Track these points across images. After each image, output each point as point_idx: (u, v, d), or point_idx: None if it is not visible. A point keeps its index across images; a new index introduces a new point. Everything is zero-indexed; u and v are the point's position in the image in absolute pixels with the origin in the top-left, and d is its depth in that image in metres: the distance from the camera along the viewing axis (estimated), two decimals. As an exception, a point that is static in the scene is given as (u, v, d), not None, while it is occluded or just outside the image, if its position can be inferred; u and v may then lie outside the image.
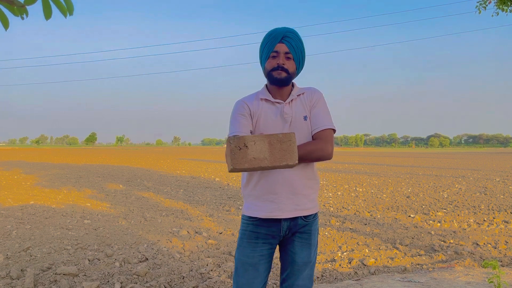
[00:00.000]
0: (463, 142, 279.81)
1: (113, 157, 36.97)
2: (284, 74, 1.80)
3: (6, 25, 1.37)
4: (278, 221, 1.82)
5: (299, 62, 1.86)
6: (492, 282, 2.52)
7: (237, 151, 1.42)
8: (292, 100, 1.85)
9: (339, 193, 10.78)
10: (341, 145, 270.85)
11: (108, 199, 9.31)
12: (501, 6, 5.72)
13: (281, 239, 1.88)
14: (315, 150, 1.75)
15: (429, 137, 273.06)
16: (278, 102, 1.84)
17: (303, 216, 1.85)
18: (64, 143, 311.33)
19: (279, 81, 1.81)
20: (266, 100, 1.86)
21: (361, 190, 11.61)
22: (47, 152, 59.90)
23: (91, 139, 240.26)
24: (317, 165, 2.04)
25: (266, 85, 1.91)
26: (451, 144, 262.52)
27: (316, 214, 1.92)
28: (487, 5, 5.82)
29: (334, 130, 1.84)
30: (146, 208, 8.13)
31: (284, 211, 1.80)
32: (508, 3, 5.65)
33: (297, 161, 1.48)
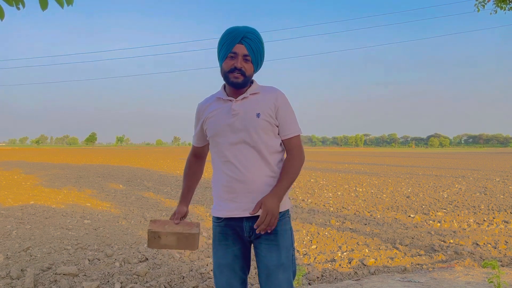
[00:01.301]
0: (463, 142, 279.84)
1: (113, 157, 36.98)
2: (241, 78, 1.77)
3: (1, 16, 1.36)
4: (240, 220, 1.81)
5: (257, 64, 1.84)
6: (492, 282, 2.53)
7: (152, 239, 1.89)
8: (244, 98, 1.82)
9: (339, 193, 10.78)
10: (341, 145, 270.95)
11: (108, 199, 9.31)
12: (499, 4, 5.72)
13: (249, 240, 1.84)
14: (297, 171, 1.84)
15: (429, 137, 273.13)
16: (229, 100, 1.83)
17: None
18: (64, 143, 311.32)
19: (236, 85, 1.79)
20: (220, 99, 1.86)
21: (361, 190, 11.60)
22: (47, 152, 59.89)
23: (91, 139, 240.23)
24: (317, 165, 2.04)
25: (224, 85, 1.89)
26: (451, 144, 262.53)
27: (283, 213, 1.83)
28: (486, 3, 5.82)
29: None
30: (146, 208, 8.13)
31: (243, 209, 1.78)
32: (507, 1, 5.65)
33: (196, 249, 1.98)
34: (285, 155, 1.89)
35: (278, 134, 1.86)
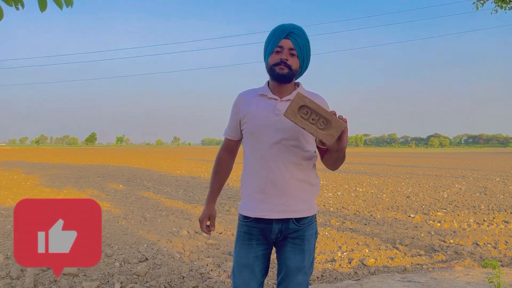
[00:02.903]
0: (463, 142, 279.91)
1: (113, 157, 36.96)
2: (286, 70, 1.75)
3: (0, 16, 1.36)
4: (269, 222, 1.79)
5: (303, 61, 1.81)
6: (492, 282, 2.52)
7: (298, 107, 1.55)
8: (288, 100, 1.80)
9: (339, 193, 10.78)
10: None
11: (108, 199, 9.31)
12: (499, 4, 5.68)
13: (275, 241, 1.84)
14: (344, 156, 1.78)
15: (429, 137, 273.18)
16: (274, 99, 1.81)
17: (295, 219, 1.79)
18: (64, 143, 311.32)
19: (281, 76, 1.76)
20: (263, 95, 1.83)
21: (361, 190, 11.60)
22: (47, 152, 59.87)
23: (91, 139, 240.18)
24: (317, 165, 2.03)
25: (268, 82, 1.88)
26: (451, 144, 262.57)
27: (312, 218, 1.85)
28: (484, 2, 5.78)
29: None
30: (146, 208, 8.13)
31: (274, 211, 1.77)
32: (507, 0, 5.62)
33: (331, 144, 1.60)
34: (317, 162, 1.90)
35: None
